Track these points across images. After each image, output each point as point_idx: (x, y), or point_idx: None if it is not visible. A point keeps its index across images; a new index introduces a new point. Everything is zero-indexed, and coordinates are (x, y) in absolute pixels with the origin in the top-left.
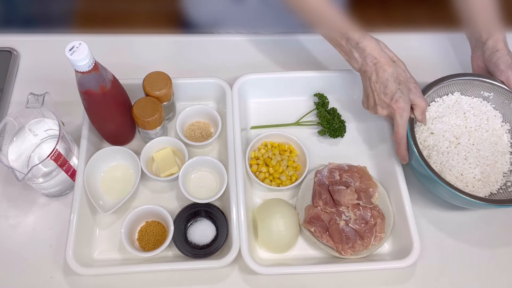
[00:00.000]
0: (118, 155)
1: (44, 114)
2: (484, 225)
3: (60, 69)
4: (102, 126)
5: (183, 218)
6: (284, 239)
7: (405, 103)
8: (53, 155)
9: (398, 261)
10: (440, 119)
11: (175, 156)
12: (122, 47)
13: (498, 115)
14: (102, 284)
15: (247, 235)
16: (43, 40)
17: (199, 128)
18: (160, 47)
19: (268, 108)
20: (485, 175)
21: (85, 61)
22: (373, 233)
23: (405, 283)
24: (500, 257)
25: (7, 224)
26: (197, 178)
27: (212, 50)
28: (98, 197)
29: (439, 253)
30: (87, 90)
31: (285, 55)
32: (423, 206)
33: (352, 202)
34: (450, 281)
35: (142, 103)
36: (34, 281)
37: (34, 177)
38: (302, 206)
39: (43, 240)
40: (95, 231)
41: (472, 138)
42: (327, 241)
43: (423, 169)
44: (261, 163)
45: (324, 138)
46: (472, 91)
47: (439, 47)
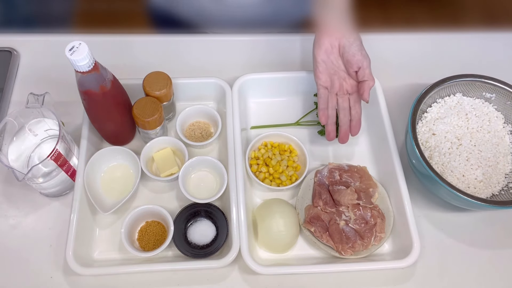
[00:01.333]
0: (118, 155)
1: (44, 114)
2: (485, 226)
3: (60, 69)
4: (102, 126)
5: (183, 218)
6: (284, 239)
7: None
8: (53, 155)
9: (398, 261)
10: (442, 120)
11: (175, 156)
12: (122, 47)
13: (500, 116)
14: (102, 284)
15: (247, 235)
16: (43, 40)
17: (199, 128)
18: (160, 47)
19: (268, 108)
20: (487, 176)
21: (85, 61)
22: (373, 233)
23: (405, 283)
24: (500, 258)
25: (7, 224)
26: (197, 178)
27: (212, 50)
28: (98, 197)
29: (439, 253)
30: (87, 90)
31: (285, 55)
32: (423, 206)
33: (352, 202)
34: (450, 281)
35: (142, 103)
36: (34, 281)
37: (34, 177)
38: (302, 206)
39: (43, 240)
40: (95, 231)
41: (474, 139)
42: (327, 241)
43: (424, 170)
44: (261, 163)
45: (324, 138)
46: (474, 92)
47: (439, 47)
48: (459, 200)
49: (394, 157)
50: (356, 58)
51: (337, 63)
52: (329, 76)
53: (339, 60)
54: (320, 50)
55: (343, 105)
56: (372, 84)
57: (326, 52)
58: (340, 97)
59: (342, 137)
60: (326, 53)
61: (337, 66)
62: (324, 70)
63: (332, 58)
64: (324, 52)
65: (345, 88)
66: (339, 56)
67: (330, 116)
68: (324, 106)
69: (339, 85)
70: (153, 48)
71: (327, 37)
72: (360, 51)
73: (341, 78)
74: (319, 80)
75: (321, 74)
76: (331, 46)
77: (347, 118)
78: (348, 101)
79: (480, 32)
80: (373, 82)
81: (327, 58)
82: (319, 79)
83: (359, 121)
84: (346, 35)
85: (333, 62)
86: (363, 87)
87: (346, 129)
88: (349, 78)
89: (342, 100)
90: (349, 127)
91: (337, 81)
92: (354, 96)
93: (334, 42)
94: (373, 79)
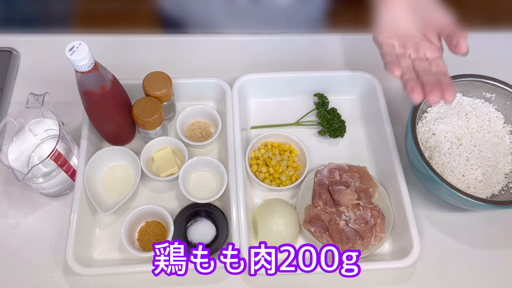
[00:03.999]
0: (118, 155)
1: (44, 114)
2: (485, 226)
3: (60, 69)
4: (102, 126)
5: (183, 218)
6: (284, 239)
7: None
8: (53, 155)
9: (398, 261)
10: (442, 120)
11: (175, 156)
12: (122, 47)
13: (500, 116)
14: (102, 284)
15: (247, 235)
16: (43, 40)
17: (199, 128)
18: (160, 47)
19: (268, 108)
20: (487, 176)
21: (85, 61)
22: (373, 233)
23: (405, 283)
24: (500, 258)
25: (7, 224)
26: (197, 178)
27: (212, 50)
28: (98, 197)
29: (439, 253)
30: (87, 90)
31: (285, 55)
32: (423, 206)
33: (352, 202)
34: (450, 281)
35: (142, 103)
36: (34, 281)
37: (34, 177)
38: (302, 206)
39: (43, 240)
40: (95, 231)
41: (474, 139)
42: (327, 241)
43: (424, 170)
44: (261, 163)
45: (324, 138)
46: (474, 92)
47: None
48: (459, 200)
49: (394, 157)
50: (436, 14)
51: (408, 25)
52: (397, 37)
53: (410, 22)
54: (384, 7)
55: (422, 66)
56: (467, 35)
57: (392, 11)
58: (415, 60)
59: (429, 91)
60: (393, 12)
61: (408, 29)
62: (388, 28)
63: (400, 17)
64: (390, 11)
65: (423, 51)
66: (411, 16)
67: (405, 66)
68: (393, 58)
69: (413, 46)
70: (153, 48)
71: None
72: (440, 6)
73: (414, 42)
74: (381, 35)
75: (384, 30)
76: (399, 3)
77: (430, 77)
78: (427, 62)
79: (480, 32)
80: (467, 33)
81: (394, 18)
82: (381, 34)
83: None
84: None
85: (401, 23)
86: (457, 36)
87: (434, 83)
88: (426, 41)
89: (419, 62)
90: (436, 84)
91: (409, 43)
92: (437, 62)
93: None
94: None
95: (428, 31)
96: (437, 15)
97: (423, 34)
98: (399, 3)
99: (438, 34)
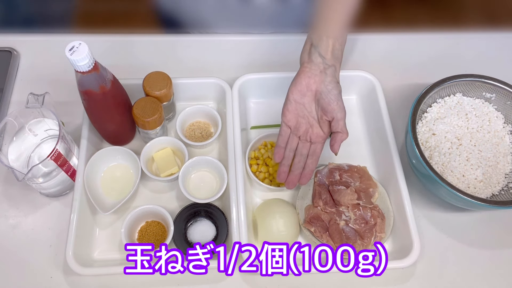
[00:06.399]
0: (118, 155)
1: (44, 114)
2: (485, 226)
3: (60, 69)
4: (102, 126)
5: (183, 218)
6: (284, 239)
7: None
8: (53, 155)
9: (398, 261)
10: (442, 120)
11: (175, 156)
12: (122, 47)
13: (500, 116)
14: (102, 284)
15: (247, 235)
16: (43, 40)
17: (199, 128)
18: (160, 47)
19: (268, 108)
20: (487, 176)
21: (85, 61)
22: (373, 233)
23: (405, 283)
24: (500, 259)
25: (7, 224)
26: (197, 178)
27: (212, 50)
28: (98, 197)
29: (439, 253)
30: (87, 90)
31: (285, 55)
32: (423, 206)
33: (352, 202)
34: (450, 281)
35: (142, 103)
36: (34, 281)
37: (34, 177)
38: (302, 206)
39: (43, 240)
40: (95, 231)
41: (474, 139)
42: (327, 241)
43: (424, 170)
44: (261, 163)
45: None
46: (474, 92)
47: (439, 47)
48: (459, 200)
49: (394, 157)
50: (331, 107)
51: (309, 107)
52: (297, 117)
53: (312, 105)
54: (294, 89)
55: (301, 151)
56: (345, 137)
57: (300, 92)
58: (301, 142)
59: (289, 182)
60: (300, 93)
61: (308, 111)
62: (293, 110)
63: (305, 100)
64: (299, 92)
65: (309, 135)
66: (313, 101)
67: (286, 157)
68: (283, 145)
69: (304, 129)
70: (153, 48)
71: (305, 78)
72: (337, 101)
73: (309, 123)
74: (285, 118)
75: (289, 112)
76: (306, 88)
77: (301, 164)
78: (308, 148)
79: (480, 32)
80: (346, 135)
81: (300, 99)
82: (285, 116)
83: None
84: (325, 81)
85: (305, 105)
86: (335, 138)
87: (297, 175)
88: (317, 126)
89: (302, 146)
90: (300, 174)
91: (304, 125)
92: (315, 146)
93: (311, 85)
94: (346, 132)
95: (324, 117)
96: (333, 108)
97: (319, 118)
98: (305, 89)
99: (329, 123)
